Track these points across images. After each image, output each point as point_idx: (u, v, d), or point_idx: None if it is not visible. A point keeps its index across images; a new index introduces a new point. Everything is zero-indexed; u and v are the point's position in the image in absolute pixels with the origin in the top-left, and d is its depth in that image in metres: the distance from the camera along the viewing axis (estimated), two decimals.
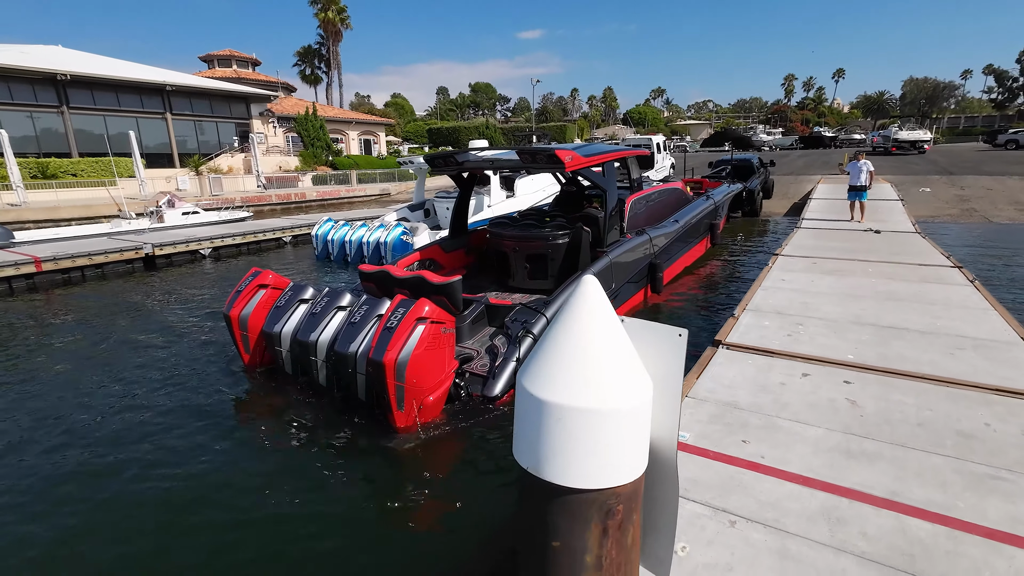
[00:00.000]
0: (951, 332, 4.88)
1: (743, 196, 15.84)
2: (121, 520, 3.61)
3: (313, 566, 3.10)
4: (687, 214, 9.34)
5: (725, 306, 7.71)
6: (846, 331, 4.95)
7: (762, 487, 2.65)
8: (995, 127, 54.04)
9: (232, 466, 4.20)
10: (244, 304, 5.60)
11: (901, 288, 6.43)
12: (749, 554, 2.21)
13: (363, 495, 3.84)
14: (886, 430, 3.20)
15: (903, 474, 2.76)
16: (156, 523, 3.55)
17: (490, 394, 4.76)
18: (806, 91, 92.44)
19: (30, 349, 7.09)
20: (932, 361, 4.21)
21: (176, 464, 4.19)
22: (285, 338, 5.28)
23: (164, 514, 3.63)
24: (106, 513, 3.71)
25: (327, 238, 13.02)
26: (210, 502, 3.75)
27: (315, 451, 4.35)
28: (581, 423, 0.94)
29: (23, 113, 28.73)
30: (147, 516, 3.63)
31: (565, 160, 5.99)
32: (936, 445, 3.03)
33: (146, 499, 3.82)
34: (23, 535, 3.47)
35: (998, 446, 2.99)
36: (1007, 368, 4.04)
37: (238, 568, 3.13)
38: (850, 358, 4.30)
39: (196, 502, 3.75)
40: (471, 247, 8.09)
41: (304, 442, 4.50)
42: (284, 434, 4.63)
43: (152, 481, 3.99)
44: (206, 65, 48.92)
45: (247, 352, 5.69)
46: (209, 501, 3.76)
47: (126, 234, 14.24)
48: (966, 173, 25.12)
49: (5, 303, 9.63)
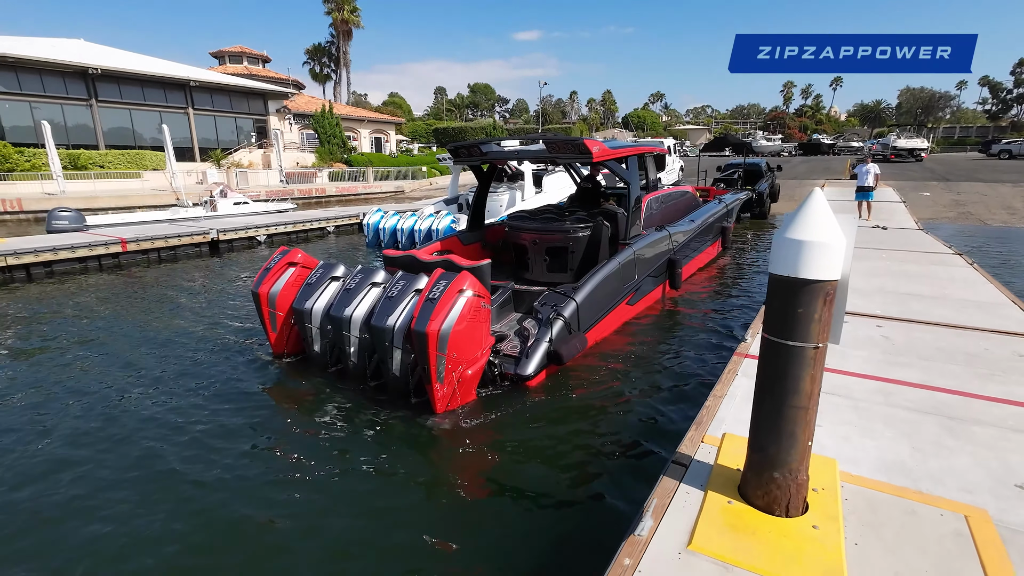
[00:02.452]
0: (956, 297, 6.04)
1: (752, 199, 16.92)
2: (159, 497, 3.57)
3: (356, 549, 3.10)
4: (702, 215, 9.55)
5: (743, 296, 8.31)
6: (872, 296, 6.09)
7: (833, 379, 3.77)
8: (989, 137, 55.50)
9: (259, 459, 4.08)
10: (273, 281, 5.55)
11: (912, 268, 7.59)
12: (831, 408, 3.33)
13: (401, 481, 3.76)
14: (912, 352, 4.34)
15: (928, 374, 3.90)
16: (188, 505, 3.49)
17: (523, 373, 4.80)
18: (804, 98, 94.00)
19: (108, 321, 7.75)
20: (942, 315, 5.36)
21: (207, 452, 4.12)
22: (316, 314, 5.20)
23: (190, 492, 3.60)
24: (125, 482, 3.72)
25: (378, 226, 14.04)
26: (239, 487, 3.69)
27: (350, 436, 4.32)
28: (819, 253, 2.00)
29: (55, 105, 29.41)
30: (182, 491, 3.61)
31: (593, 150, 6.06)
32: (949, 359, 4.17)
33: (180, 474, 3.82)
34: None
35: (994, 360, 4.15)
36: (1000, 319, 5.20)
37: (282, 555, 3.06)
38: (878, 312, 5.44)
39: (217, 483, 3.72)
40: (487, 242, 8.07)
41: (339, 427, 4.46)
42: (317, 420, 4.57)
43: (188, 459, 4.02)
44: (216, 61, 49.36)
45: (273, 331, 5.64)
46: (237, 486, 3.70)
47: (184, 221, 15.28)
48: (961, 180, 26.47)
49: (98, 277, 10.67)
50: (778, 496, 2.26)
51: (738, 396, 3.48)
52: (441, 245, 7.39)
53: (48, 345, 6.69)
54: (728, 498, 2.40)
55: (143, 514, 3.41)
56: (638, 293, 6.92)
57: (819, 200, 2.09)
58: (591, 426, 4.42)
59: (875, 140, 51.88)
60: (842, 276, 2.10)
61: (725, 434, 2.96)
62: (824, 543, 2.11)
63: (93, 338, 6.90)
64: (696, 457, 2.78)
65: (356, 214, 17.43)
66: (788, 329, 2.11)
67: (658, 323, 7.10)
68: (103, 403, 4.98)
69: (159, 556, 3.07)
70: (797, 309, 2.07)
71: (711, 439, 2.97)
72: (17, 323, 7.66)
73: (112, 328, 7.35)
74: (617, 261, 6.24)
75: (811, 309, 2.06)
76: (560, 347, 4.95)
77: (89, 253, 11.14)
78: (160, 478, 3.79)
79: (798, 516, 2.27)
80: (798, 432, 2.19)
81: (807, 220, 2.05)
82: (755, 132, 73.49)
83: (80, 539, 3.22)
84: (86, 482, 3.78)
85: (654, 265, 7.25)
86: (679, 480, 2.58)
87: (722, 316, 7.38)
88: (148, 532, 3.24)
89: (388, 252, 6.20)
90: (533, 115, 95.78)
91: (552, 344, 4.98)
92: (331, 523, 3.30)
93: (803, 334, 2.09)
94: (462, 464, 3.99)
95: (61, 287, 9.83)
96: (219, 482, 3.73)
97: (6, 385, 5.47)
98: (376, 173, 35.01)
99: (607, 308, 6.09)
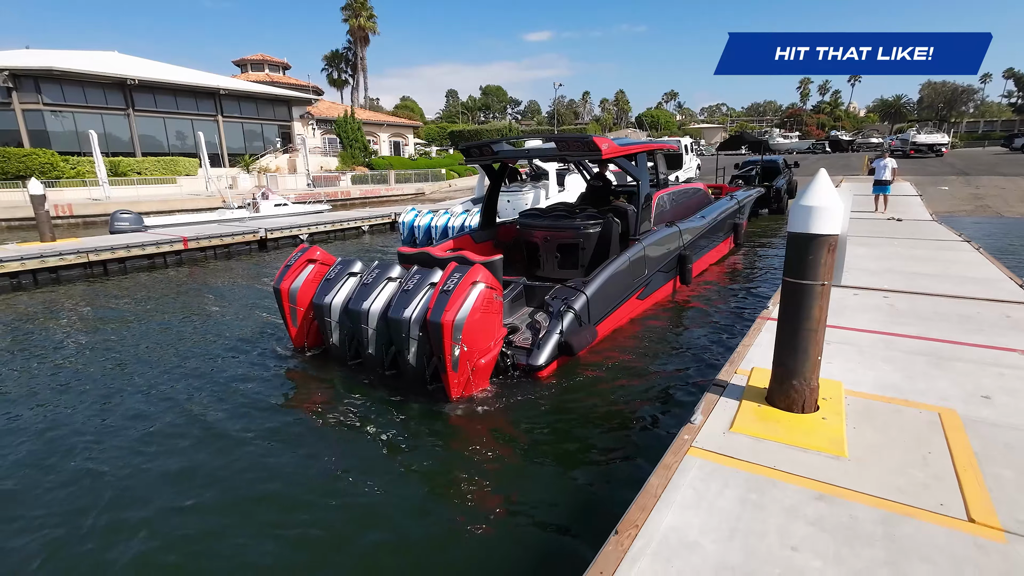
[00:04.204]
0: (958, 275, 6.70)
1: (770, 195, 17.33)
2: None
3: (371, 543, 3.13)
4: (713, 211, 9.55)
5: (754, 292, 8.40)
6: (882, 275, 6.76)
7: (843, 333, 4.50)
8: (1014, 131, 54.56)
9: (284, 447, 4.21)
10: (294, 278, 5.78)
11: (921, 253, 8.23)
12: (840, 353, 4.07)
13: (414, 469, 3.85)
14: (912, 315, 5.05)
15: (924, 329, 4.62)
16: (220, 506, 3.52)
17: (535, 363, 4.92)
18: (822, 95, 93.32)
19: (170, 312, 8.54)
20: (943, 288, 6.03)
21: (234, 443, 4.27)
22: (335, 309, 5.40)
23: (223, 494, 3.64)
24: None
25: (413, 224, 14.91)
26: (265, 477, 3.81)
27: (364, 427, 4.42)
28: (824, 215, 2.76)
29: (95, 115, 30.84)
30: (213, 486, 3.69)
31: (602, 147, 6.12)
32: (944, 320, 4.88)
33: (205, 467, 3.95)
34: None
35: (984, 319, 4.85)
36: (995, 291, 5.87)
37: (306, 550, 3.09)
38: (885, 286, 6.12)
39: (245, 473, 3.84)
40: (498, 240, 8.11)
41: (354, 418, 4.58)
42: (333, 412, 4.71)
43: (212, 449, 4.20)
44: (239, 69, 50.63)
45: (294, 325, 5.87)
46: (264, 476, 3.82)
47: (231, 221, 16.35)
48: (981, 174, 26.66)
49: (164, 273, 11.70)
50: (795, 398, 3.02)
51: (763, 345, 4.23)
52: (454, 243, 7.52)
53: (135, 317, 7.69)
54: (758, 403, 3.18)
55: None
56: (648, 288, 7.05)
57: (824, 177, 2.85)
58: (600, 409, 4.62)
59: (894, 136, 51.65)
60: (841, 231, 2.86)
61: (754, 368, 3.74)
62: (830, 426, 2.88)
63: (157, 314, 8.12)
64: (731, 382, 3.56)
65: (388, 214, 18.40)
66: (802, 271, 2.88)
67: (668, 317, 7.24)
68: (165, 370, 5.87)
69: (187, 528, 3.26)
70: (808, 256, 2.83)
71: (743, 371, 3.74)
72: (114, 306, 8.69)
73: (174, 310, 8.46)
74: (627, 256, 6.39)
75: (819, 256, 2.82)
76: (571, 338, 5.07)
77: (156, 251, 12.22)
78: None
79: (812, 413, 3.04)
80: (810, 349, 2.95)
81: (815, 192, 2.82)
82: (771, 130, 73.31)
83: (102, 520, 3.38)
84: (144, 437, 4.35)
85: (664, 260, 7.37)
86: (719, 395, 3.37)
87: (731, 311, 7.47)
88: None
89: (403, 249, 6.40)
90: (546, 116, 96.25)
91: (563, 336, 5.12)
92: (357, 501, 3.45)
93: (813, 275, 2.85)
94: (475, 445, 4.13)
95: (136, 278, 10.90)
96: (244, 459, 3.97)
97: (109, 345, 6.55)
98: (397, 176, 36.06)
99: (617, 302, 6.24)
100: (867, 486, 2.43)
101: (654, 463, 2.72)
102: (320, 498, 3.48)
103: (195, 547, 3.12)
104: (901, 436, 2.82)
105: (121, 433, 4.47)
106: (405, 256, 6.17)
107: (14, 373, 5.94)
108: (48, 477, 3.86)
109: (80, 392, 5.34)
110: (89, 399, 5.17)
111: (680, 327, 6.89)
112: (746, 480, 2.50)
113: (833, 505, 2.31)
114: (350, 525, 3.24)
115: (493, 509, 3.39)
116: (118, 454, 4.14)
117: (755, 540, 2.12)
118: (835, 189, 2.81)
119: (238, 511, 3.43)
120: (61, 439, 4.41)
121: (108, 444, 4.30)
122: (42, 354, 6.53)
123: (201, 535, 3.22)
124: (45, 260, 10.51)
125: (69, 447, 4.27)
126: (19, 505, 3.58)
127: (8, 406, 5.06)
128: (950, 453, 2.67)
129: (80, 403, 5.08)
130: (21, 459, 4.13)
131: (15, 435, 4.49)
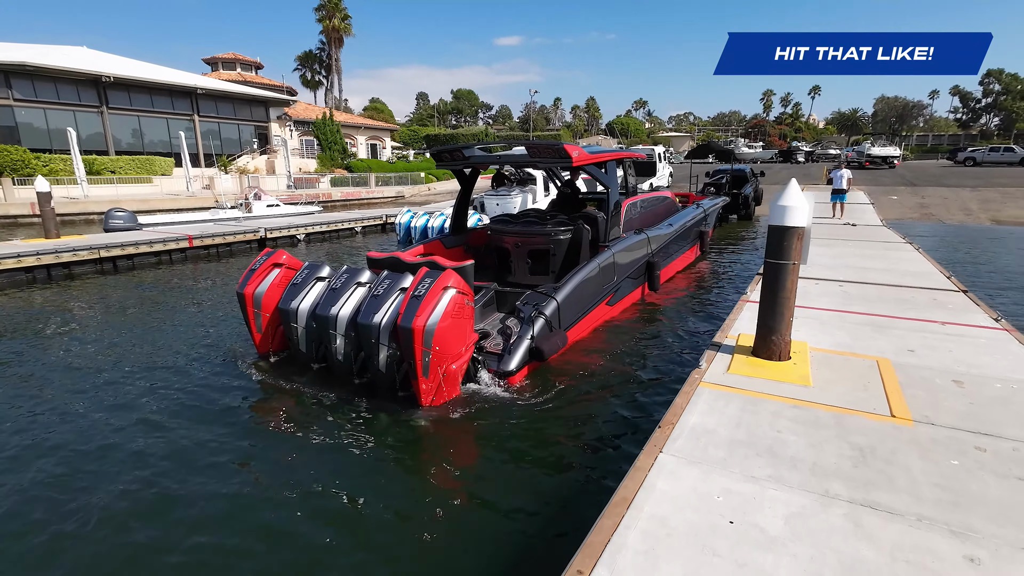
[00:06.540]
0: (901, 270, 7.95)
1: (739, 202, 18.65)
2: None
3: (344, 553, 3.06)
4: (680, 219, 9.72)
5: (720, 298, 8.66)
6: (838, 269, 7.96)
7: (809, 312, 5.57)
8: (959, 145, 58.33)
9: (250, 454, 4.14)
10: (258, 282, 5.58)
11: (871, 252, 9.53)
12: (806, 324, 5.13)
13: (387, 478, 3.80)
14: (861, 298, 6.21)
15: (872, 307, 5.76)
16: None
17: (506, 369, 4.92)
18: (784, 106, 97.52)
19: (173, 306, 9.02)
20: (887, 279, 7.25)
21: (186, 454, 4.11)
22: (302, 314, 5.25)
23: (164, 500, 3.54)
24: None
25: (408, 225, 15.59)
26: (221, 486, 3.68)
27: (335, 434, 4.31)
28: (795, 212, 3.78)
29: (68, 112, 30.13)
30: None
31: (573, 155, 6.17)
32: (886, 302, 6.05)
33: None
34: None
35: (916, 302, 6.06)
36: (929, 282, 7.12)
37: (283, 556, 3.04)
38: (841, 278, 7.29)
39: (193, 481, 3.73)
40: (469, 246, 8.11)
41: (324, 426, 4.46)
42: (302, 419, 4.62)
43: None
44: (210, 67, 49.46)
45: (258, 331, 5.67)
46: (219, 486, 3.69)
47: (225, 221, 16.74)
48: (928, 185, 28.95)
49: (171, 269, 12.17)
50: (774, 350, 4.04)
51: (745, 319, 5.28)
52: (424, 248, 7.50)
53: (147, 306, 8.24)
54: (745, 356, 4.20)
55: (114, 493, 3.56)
56: (617, 294, 7.15)
57: (794, 185, 3.88)
58: (571, 413, 4.65)
59: (851, 148, 54.69)
60: (807, 224, 3.88)
61: (740, 333, 4.79)
62: (799, 368, 3.93)
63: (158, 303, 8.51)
64: (724, 342, 4.58)
65: (380, 215, 19.07)
66: (779, 254, 3.89)
67: (637, 322, 7.34)
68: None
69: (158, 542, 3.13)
70: (784, 243, 3.85)
71: (732, 336, 4.79)
72: (131, 299, 9.22)
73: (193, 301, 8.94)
74: (597, 263, 6.46)
75: (791, 242, 3.84)
76: (541, 344, 5.09)
77: (163, 248, 12.67)
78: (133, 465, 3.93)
79: (786, 361, 4.07)
80: (785, 312, 3.97)
81: (788, 195, 3.84)
82: (737, 139, 76.06)
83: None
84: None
85: (633, 267, 7.49)
86: (716, 351, 4.38)
87: (698, 316, 7.66)
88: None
89: (372, 254, 6.32)
90: (518, 121, 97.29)
91: (534, 341, 5.13)
92: (323, 507, 3.39)
93: (787, 256, 3.87)
94: (448, 452, 4.11)
95: (145, 273, 11.39)
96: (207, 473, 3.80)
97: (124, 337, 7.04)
98: (377, 179, 36.37)
99: (587, 307, 6.33)
100: (826, 400, 3.48)
101: (627, 463, 2.89)
102: (287, 509, 3.39)
103: (152, 561, 3.02)
104: (850, 374, 3.87)
105: (74, 447, 4.26)
106: (375, 261, 6.15)
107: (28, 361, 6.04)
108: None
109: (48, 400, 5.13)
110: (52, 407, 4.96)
111: (648, 331, 6.97)
112: (743, 400, 3.50)
113: (803, 411, 3.34)
114: (319, 534, 3.17)
115: (466, 515, 3.38)
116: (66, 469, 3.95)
117: (753, 427, 3.13)
118: (803, 193, 3.83)
119: (202, 527, 3.28)
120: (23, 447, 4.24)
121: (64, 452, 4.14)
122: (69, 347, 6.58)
123: (156, 550, 3.09)
124: (59, 256, 10.90)
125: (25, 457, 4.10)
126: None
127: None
128: (883, 383, 3.72)
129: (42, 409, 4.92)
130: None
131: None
